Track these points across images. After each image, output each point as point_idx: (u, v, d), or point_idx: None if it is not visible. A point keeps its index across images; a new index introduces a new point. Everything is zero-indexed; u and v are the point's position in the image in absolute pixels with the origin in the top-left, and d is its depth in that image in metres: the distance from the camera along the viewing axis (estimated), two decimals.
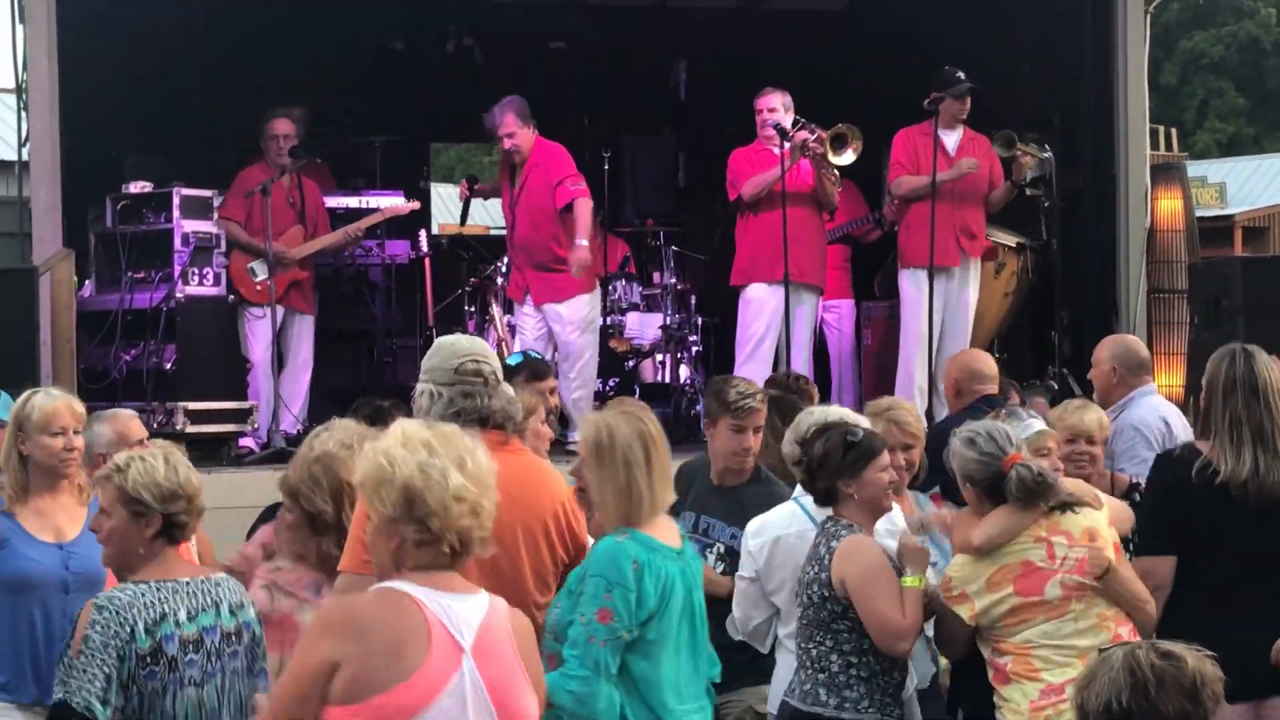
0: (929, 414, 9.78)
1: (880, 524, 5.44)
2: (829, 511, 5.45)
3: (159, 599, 4.26)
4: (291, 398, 10.49)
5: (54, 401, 5.68)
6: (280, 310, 10.40)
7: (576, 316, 10.52)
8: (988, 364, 7.83)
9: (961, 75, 10.54)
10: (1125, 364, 7.35)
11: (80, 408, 5.81)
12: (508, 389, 5.02)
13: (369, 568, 3.79)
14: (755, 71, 12.21)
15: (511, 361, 6.48)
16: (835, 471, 5.32)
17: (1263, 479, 5.31)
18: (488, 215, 18.38)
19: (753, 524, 5.74)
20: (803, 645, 5.32)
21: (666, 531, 4.80)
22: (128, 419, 6.39)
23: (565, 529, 4.99)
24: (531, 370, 6.53)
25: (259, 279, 10.35)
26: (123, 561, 4.44)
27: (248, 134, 11.50)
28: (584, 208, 10.36)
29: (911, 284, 10.65)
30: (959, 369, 7.77)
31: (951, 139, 10.58)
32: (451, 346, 5.02)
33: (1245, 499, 5.31)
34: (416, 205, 11.34)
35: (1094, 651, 3.74)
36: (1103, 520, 5.27)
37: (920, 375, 10.47)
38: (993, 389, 7.67)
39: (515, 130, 10.31)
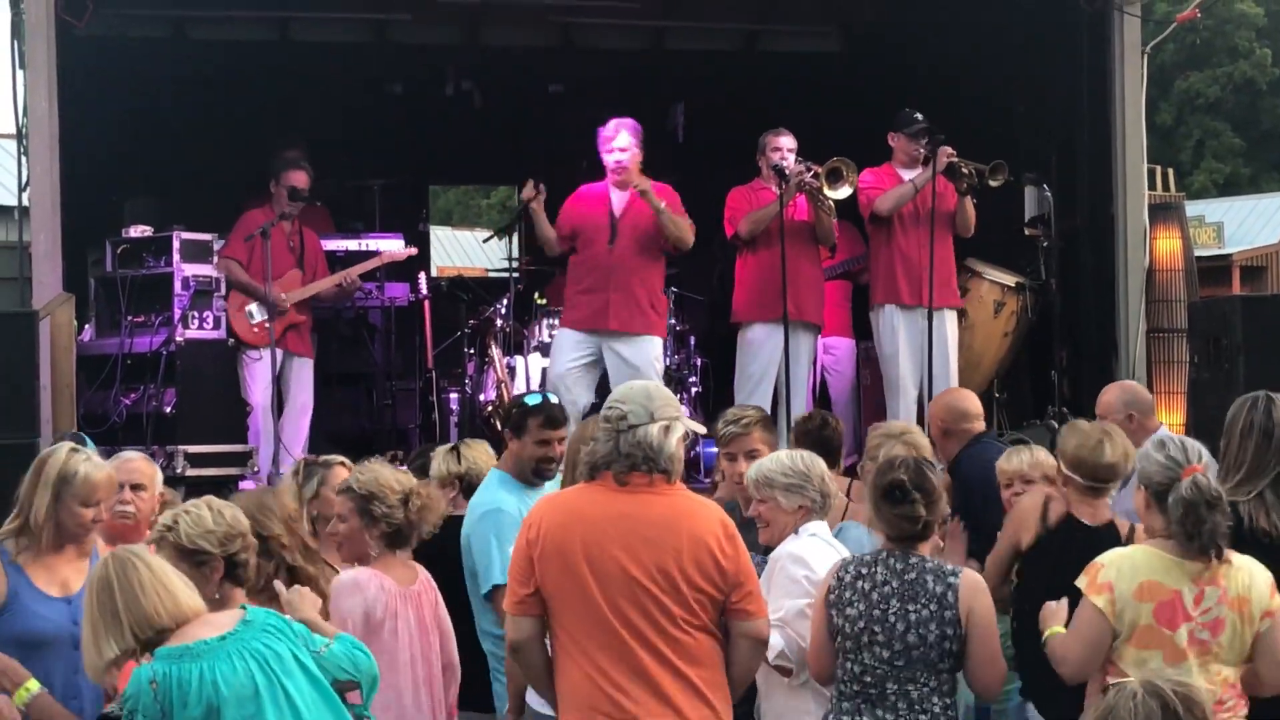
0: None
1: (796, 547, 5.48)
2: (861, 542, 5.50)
3: None
4: (292, 440, 10.49)
5: (98, 473, 5.57)
6: (279, 353, 10.40)
7: (646, 358, 10.15)
8: (972, 402, 7.79)
9: (919, 116, 10.56)
10: (1139, 409, 7.33)
11: (116, 477, 5.76)
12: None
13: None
14: (752, 113, 12.24)
15: (531, 401, 6.46)
16: (944, 509, 5.31)
17: (1275, 524, 5.34)
18: (485, 258, 18.45)
19: (799, 551, 5.57)
20: (891, 687, 5.17)
21: (208, 622, 4.41)
22: (124, 463, 6.29)
23: (710, 564, 4.83)
24: (547, 417, 6.39)
25: (255, 321, 10.38)
26: None
27: (248, 178, 11.56)
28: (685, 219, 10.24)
29: (883, 322, 10.72)
30: (943, 410, 7.74)
31: (912, 177, 10.59)
32: (639, 391, 5.00)
33: (1263, 545, 5.33)
34: (414, 252, 11.34)
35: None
36: (1264, 585, 5.04)
37: (902, 411, 10.48)
38: (980, 426, 7.66)
39: (627, 146, 10.15)
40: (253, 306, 10.40)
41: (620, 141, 10.15)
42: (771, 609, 5.27)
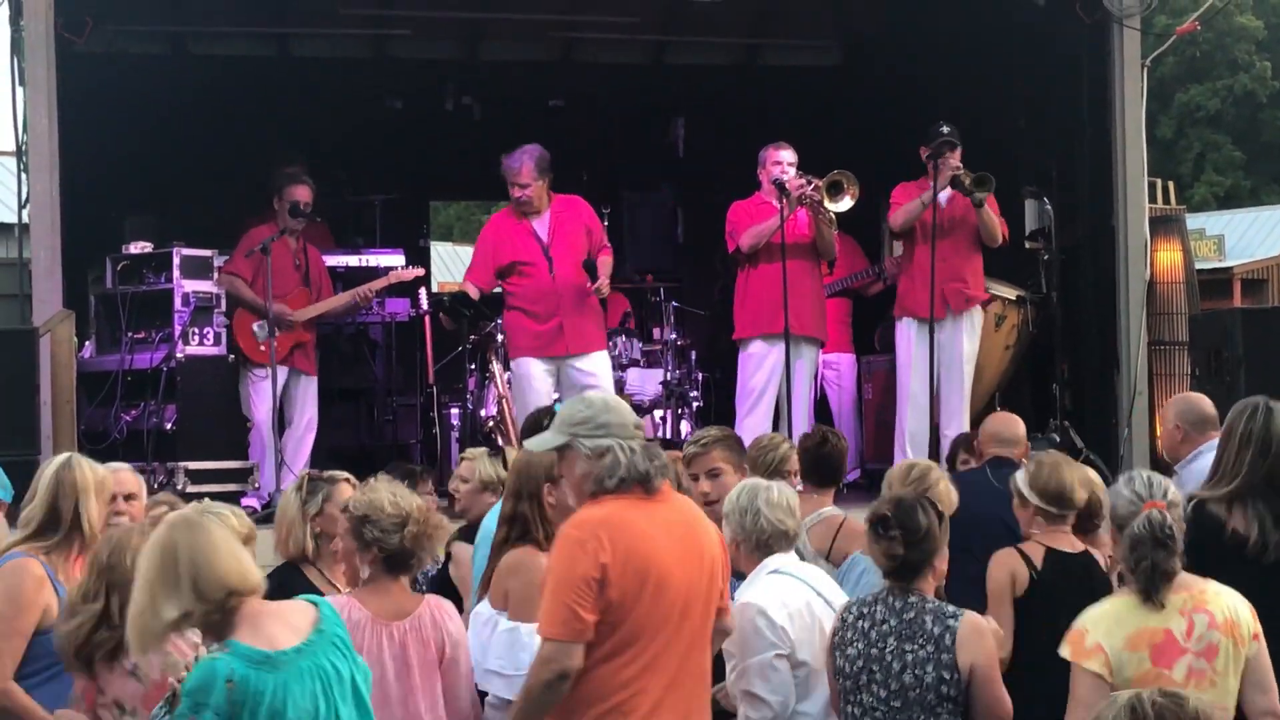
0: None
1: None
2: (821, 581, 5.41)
3: None
4: (295, 458, 10.46)
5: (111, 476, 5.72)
6: (284, 370, 10.39)
7: (604, 371, 10.35)
8: (1009, 427, 7.73)
9: (944, 129, 10.55)
10: (1189, 421, 7.28)
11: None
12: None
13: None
14: (752, 127, 12.26)
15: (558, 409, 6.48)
16: (935, 547, 5.23)
17: (1268, 536, 5.31)
18: None
19: (758, 597, 5.42)
20: None
21: (280, 617, 4.31)
22: (116, 473, 6.29)
23: (721, 562, 4.91)
24: None
25: (262, 339, 10.36)
26: None
27: (248, 194, 11.55)
28: (609, 261, 10.39)
29: (900, 335, 10.74)
30: (983, 430, 7.77)
31: (942, 194, 10.60)
32: (620, 404, 4.94)
33: (1257, 555, 5.31)
34: (420, 272, 11.32)
35: None
36: (1247, 609, 4.97)
37: (914, 424, 10.48)
38: (1006, 452, 7.57)
39: (529, 182, 10.19)
40: (258, 326, 10.35)
41: (525, 176, 10.14)
42: (735, 670, 5.30)
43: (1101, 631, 4.87)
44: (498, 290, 10.42)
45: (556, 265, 10.15)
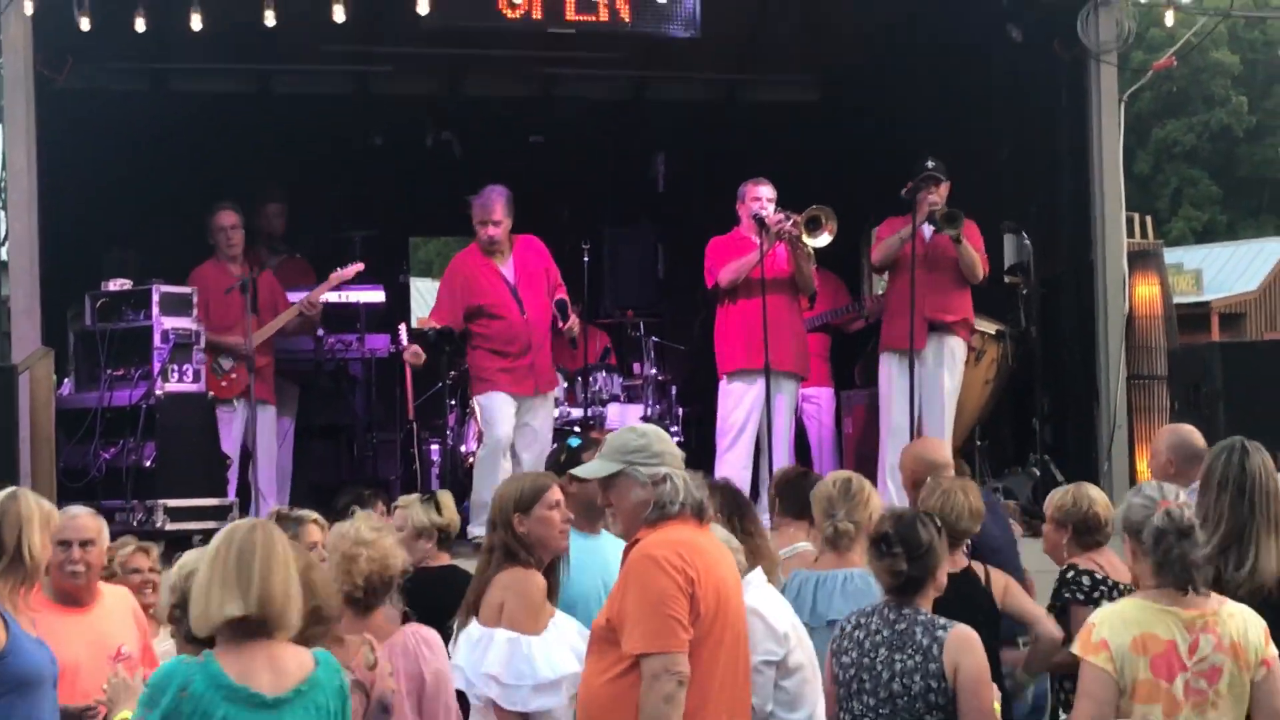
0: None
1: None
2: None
3: None
4: (266, 490, 10.45)
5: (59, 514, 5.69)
6: (242, 404, 10.44)
7: (550, 410, 10.51)
8: (941, 452, 7.77)
9: (929, 163, 10.58)
10: (1181, 456, 7.28)
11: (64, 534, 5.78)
12: None
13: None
14: (732, 163, 12.28)
15: (575, 444, 6.50)
16: (938, 561, 5.30)
17: (1242, 576, 5.31)
18: None
19: (756, 601, 5.49)
20: None
21: (272, 669, 4.24)
22: (71, 519, 6.24)
23: None
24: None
25: (224, 373, 10.38)
26: None
27: None
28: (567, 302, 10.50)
29: (882, 368, 10.76)
30: (913, 459, 7.72)
31: (926, 228, 10.61)
32: (665, 436, 5.07)
33: (1229, 594, 5.30)
34: (360, 267, 11.23)
35: None
36: (1259, 631, 4.95)
37: (895, 458, 10.46)
38: (948, 475, 7.63)
39: (502, 219, 10.21)
40: (220, 359, 10.41)
41: (498, 213, 10.18)
42: None
43: (1108, 629, 4.90)
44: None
45: (526, 306, 10.23)
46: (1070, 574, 6.61)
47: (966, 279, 10.66)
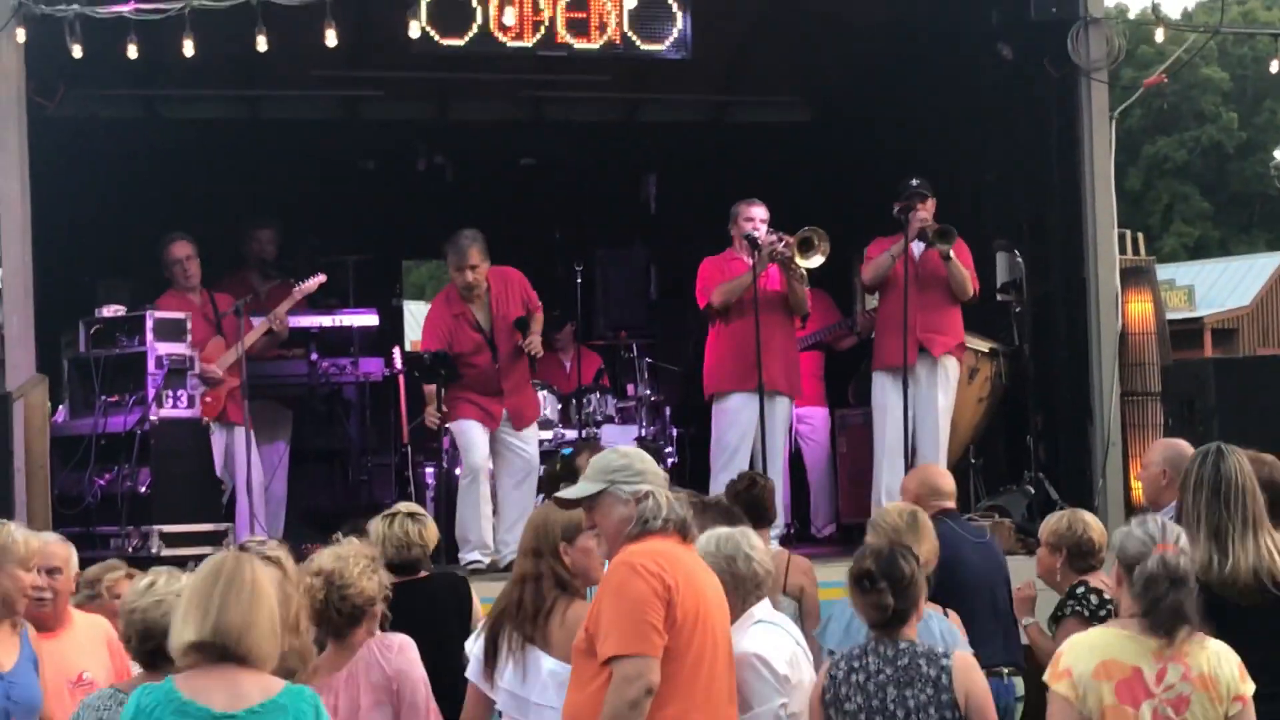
0: None
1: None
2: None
3: None
4: (257, 514, 10.46)
5: (34, 539, 5.62)
6: (225, 428, 10.47)
7: (534, 437, 10.53)
8: (946, 480, 7.84)
9: (914, 181, 10.62)
10: (1175, 468, 7.33)
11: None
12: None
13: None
14: (724, 183, 12.32)
15: (567, 453, 6.59)
16: (920, 592, 5.35)
17: (1215, 576, 5.35)
18: None
19: (756, 646, 5.44)
20: None
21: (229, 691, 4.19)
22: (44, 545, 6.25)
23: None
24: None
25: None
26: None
27: (222, 255, 11.58)
28: (541, 317, 10.50)
29: (876, 387, 10.79)
30: (919, 484, 7.78)
31: (917, 247, 10.65)
32: (643, 455, 5.13)
33: (1203, 595, 5.34)
34: (322, 279, 11.19)
35: None
36: (1232, 667, 4.94)
37: (890, 478, 10.49)
38: (950, 504, 7.66)
39: (479, 263, 10.21)
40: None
41: (475, 258, 10.18)
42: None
43: (1073, 656, 4.92)
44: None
45: (500, 350, 10.29)
46: (1080, 589, 6.65)
47: (956, 297, 10.68)
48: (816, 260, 10.57)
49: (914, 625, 5.35)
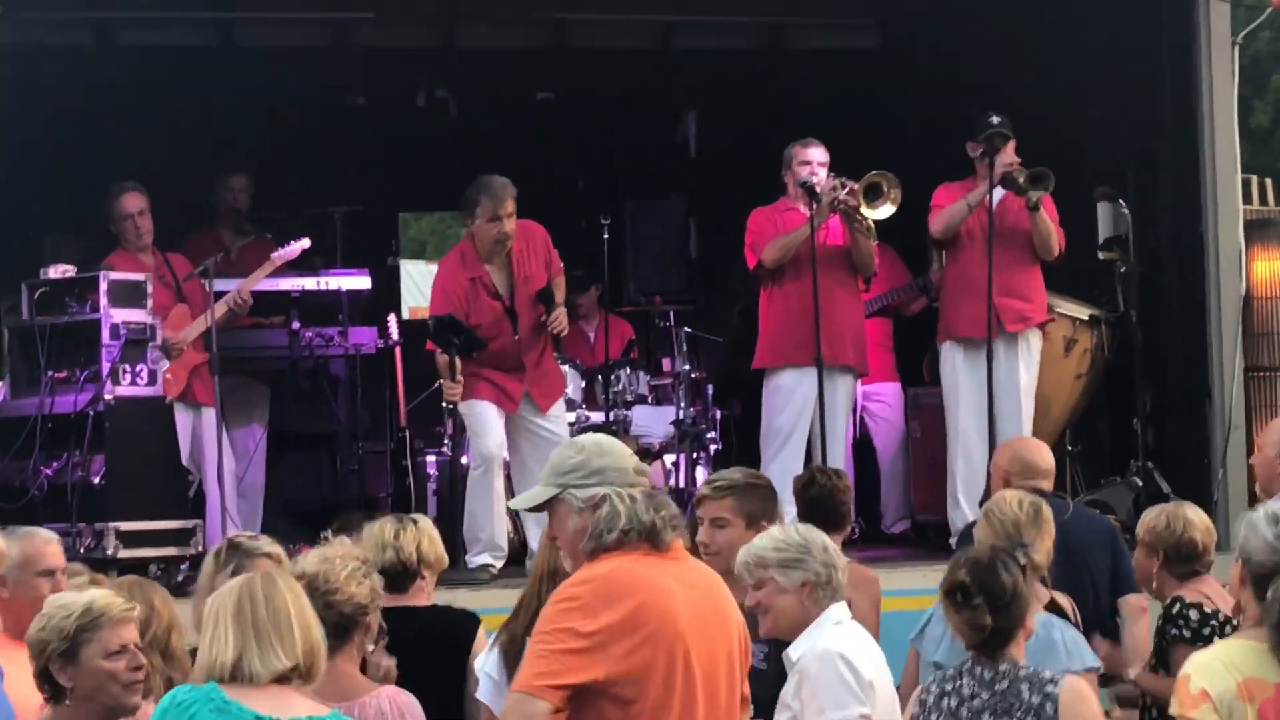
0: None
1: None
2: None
3: None
4: (230, 509, 10.48)
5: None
6: (190, 409, 10.53)
7: (561, 417, 10.56)
8: (1043, 455, 7.86)
9: (993, 119, 10.60)
10: None
11: None
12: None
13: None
14: (777, 122, 12.31)
15: None
16: (1026, 606, 5.35)
17: None
18: None
19: (839, 644, 5.55)
20: None
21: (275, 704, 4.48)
22: (44, 542, 6.39)
23: (746, 641, 4.97)
24: None
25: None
26: None
27: (187, 207, 11.59)
28: (563, 282, 10.56)
29: (946, 362, 10.84)
30: (1010, 459, 7.80)
31: (994, 196, 10.61)
32: (616, 446, 4.96)
33: None
34: (306, 244, 11.23)
35: None
36: None
37: (965, 468, 10.49)
38: (1046, 485, 7.69)
39: (513, 213, 10.16)
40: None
41: (511, 205, 10.14)
42: None
43: (1207, 677, 4.94)
44: None
45: (521, 319, 10.29)
46: (1175, 608, 6.66)
47: (1039, 255, 10.68)
48: (885, 210, 10.57)
49: (1020, 643, 5.34)
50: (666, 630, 4.63)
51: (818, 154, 10.66)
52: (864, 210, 10.50)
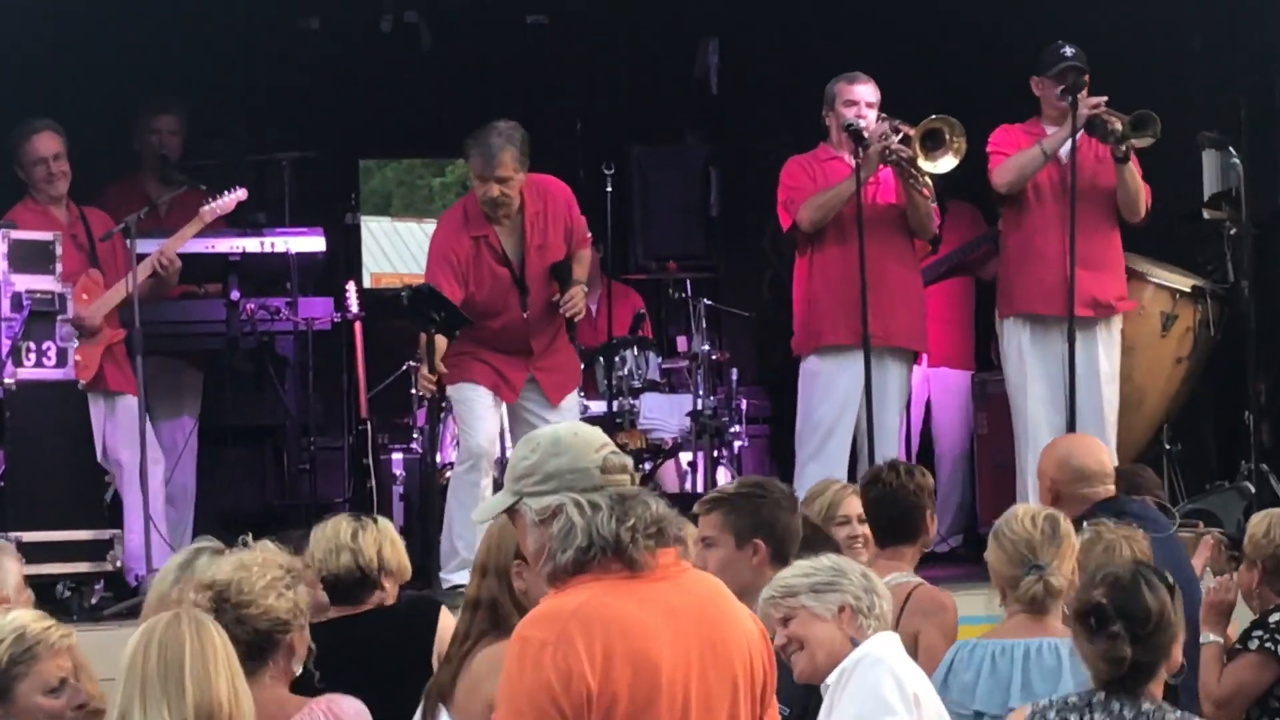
0: None
1: None
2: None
3: None
4: (155, 517, 10.45)
5: None
6: (101, 397, 10.53)
7: (572, 412, 10.57)
8: (1096, 457, 7.82)
9: (1066, 50, 10.58)
10: None
11: None
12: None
13: None
14: (814, 53, 12.24)
15: None
16: (1174, 635, 5.34)
17: None
18: None
19: (887, 656, 5.62)
20: None
21: None
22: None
23: (764, 665, 4.85)
24: None
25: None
26: None
27: (107, 151, 11.51)
28: (589, 255, 10.59)
29: (1009, 343, 10.85)
30: (1057, 466, 7.75)
31: (1065, 144, 10.54)
32: (577, 439, 4.77)
33: None
34: (242, 196, 11.16)
35: None
36: None
37: (1033, 466, 10.41)
38: (1107, 491, 7.63)
39: (511, 175, 10.17)
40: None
41: (506, 168, 10.12)
42: None
43: None
44: None
45: (531, 297, 10.32)
46: (1276, 617, 6.93)
47: (1124, 216, 10.68)
48: (947, 163, 10.57)
49: (1161, 680, 5.30)
50: (643, 685, 4.55)
51: (866, 92, 10.63)
52: (921, 163, 10.42)
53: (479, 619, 5.63)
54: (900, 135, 10.48)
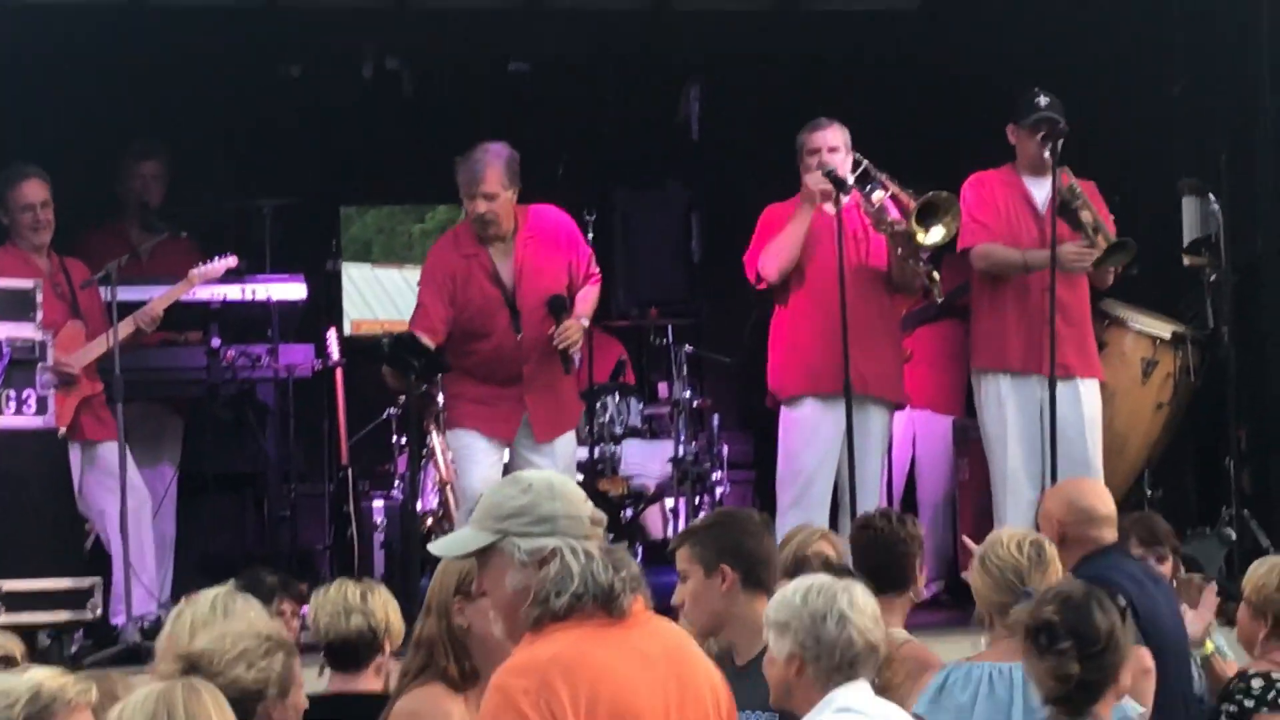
0: None
1: None
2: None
3: None
4: (138, 566, 10.42)
5: None
6: (78, 447, 10.49)
7: (568, 458, 10.53)
8: (1103, 499, 7.76)
9: (1040, 100, 10.54)
10: None
11: None
12: None
13: None
14: (795, 97, 12.23)
15: None
16: (1122, 657, 5.33)
17: None
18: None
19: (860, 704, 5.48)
20: None
21: None
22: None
23: (728, 716, 4.89)
24: None
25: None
26: None
27: (88, 195, 11.52)
28: (595, 294, 10.57)
29: (986, 392, 10.79)
30: (1063, 507, 7.71)
31: (1041, 191, 10.55)
32: (571, 489, 4.83)
33: None
34: (232, 263, 11.18)
35: None
36: None
37: (1015, 517, 10.38)
38: (1111, 536, 7.60)
39: (498, 191, 10.18)
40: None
41: (491, 184, 10.15)
42: None
43: None
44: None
45: (525, 321, 10.25)
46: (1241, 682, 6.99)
47: (1093, 282, 10.71)
48: (938, 234, 10.39)
49: (1109, 703, 5.32)
50: None
51: (829, 137, 10.53)
52: (919, 237, 10.32)
53: (417, 659, 5.60)
54: (889, 192, 10.44)
